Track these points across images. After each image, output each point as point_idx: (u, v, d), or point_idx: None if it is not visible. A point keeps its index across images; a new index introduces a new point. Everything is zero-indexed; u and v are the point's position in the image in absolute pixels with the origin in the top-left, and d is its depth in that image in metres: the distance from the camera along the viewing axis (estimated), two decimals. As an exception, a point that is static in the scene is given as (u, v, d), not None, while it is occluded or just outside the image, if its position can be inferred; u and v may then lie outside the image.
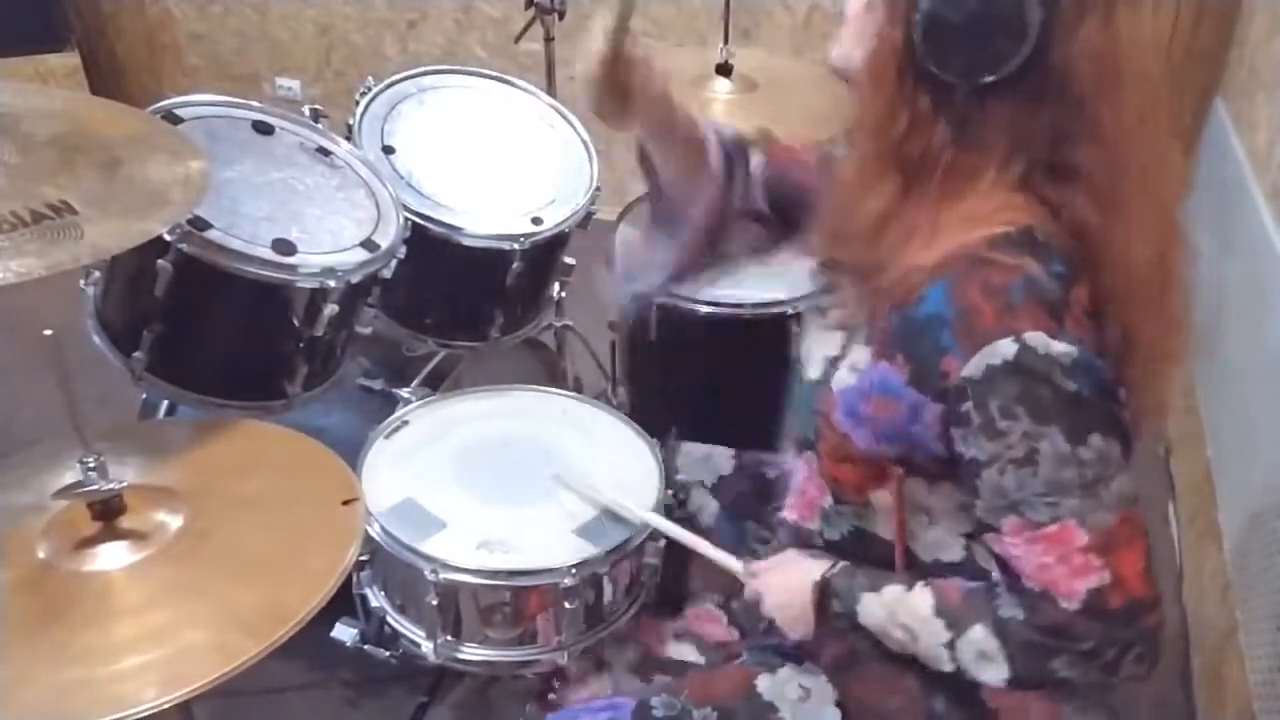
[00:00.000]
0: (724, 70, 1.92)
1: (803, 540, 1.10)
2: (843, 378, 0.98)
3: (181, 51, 3.56)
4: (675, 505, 1.37)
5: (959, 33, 0.84)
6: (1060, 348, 0.84)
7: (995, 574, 0.93)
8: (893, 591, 0.98)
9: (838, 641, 1.06)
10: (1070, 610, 0.86)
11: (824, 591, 1.02)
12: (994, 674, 0.91)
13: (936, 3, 0.84)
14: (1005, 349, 0.85)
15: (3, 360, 2.21)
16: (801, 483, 1.06)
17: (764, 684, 1.09)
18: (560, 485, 1.37)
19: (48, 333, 0.95)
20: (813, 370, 1.05)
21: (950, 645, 0.93)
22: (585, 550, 1.29)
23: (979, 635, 0.91)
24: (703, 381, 1.77)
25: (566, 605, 1.27)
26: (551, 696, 1.30)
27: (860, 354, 0.97)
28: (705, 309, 1.71)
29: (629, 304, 1.35)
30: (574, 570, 1.26)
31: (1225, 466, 1.96)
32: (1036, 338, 0.84)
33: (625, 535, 1.30)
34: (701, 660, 1.25)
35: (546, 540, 1.30)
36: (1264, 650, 1.55)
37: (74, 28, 3.26)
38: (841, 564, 1.03)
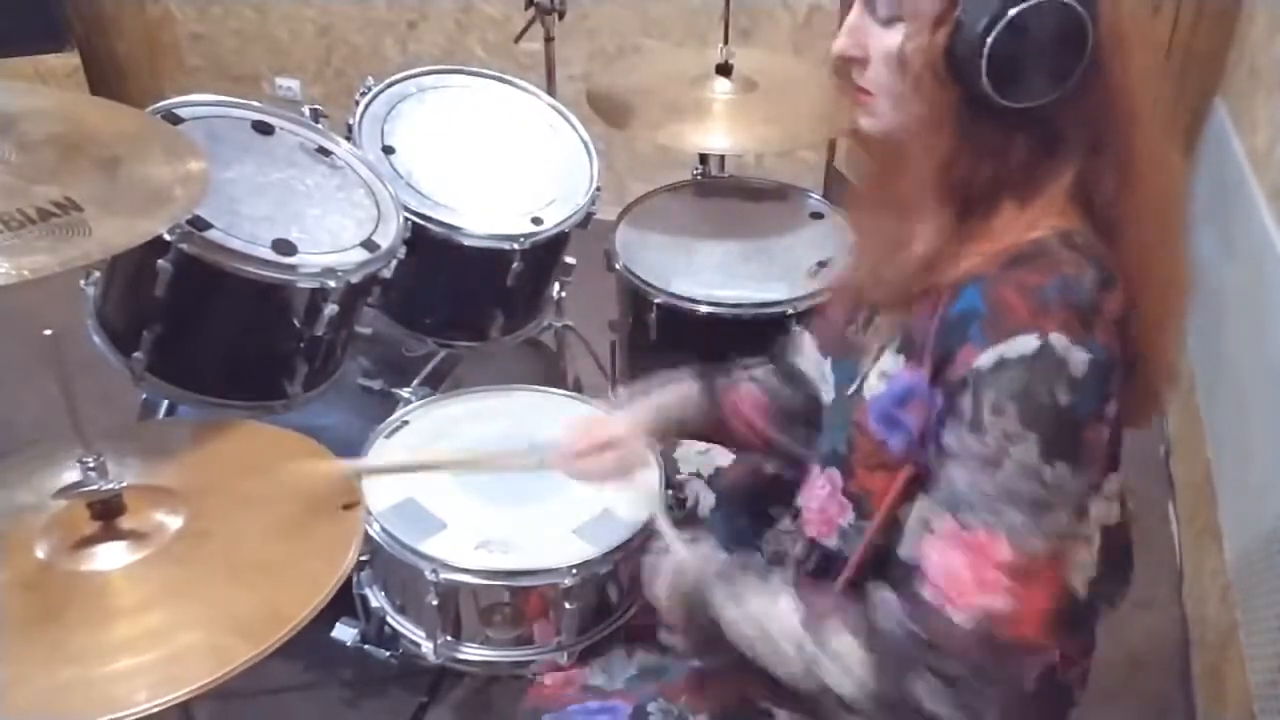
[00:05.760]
0: (724, 70, 1.92)
1: (820, 556, 1.07)
2: (873, 385, 0.97)
3: (181, 51, 3.56)
4: (675, 505, 1.36)
5: (1030, 60, 0.82)
6: (1078, 355, 0.83)
7: (882, 592, 0.91)
8: (758, 605, 0.96)
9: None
10: (956, 624, 0.84)
11: (688, 607, 1.01)
12: (850, 685, 0.88)
13: (1002, 40, 0.81)
14: (1026, 344, 0.83)
15: (3, 360, 2.21)
16: (823, 500, 1.04)
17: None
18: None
19: (48, 333, 0.95)
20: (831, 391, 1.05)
21: (814, 659, 0.90)
22: (585, 550, 1.28)
23: (846, 644, 0.89)
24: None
25: (566, 605, 1.27)
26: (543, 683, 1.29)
27: (890, 361, 0.96)
28: (705, 309, 1.71)
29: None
30: (574, 570, 1.26)
31: (1225, 466, 1.96)
32: (1059, 339, 0.83)
33: (625, 535, 1.30)
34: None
35: (546, 540, 1.30)
36: (1264, 650, 1.55)
37: (74, 28, 3.26)
38: (701, 578, 1.01)
